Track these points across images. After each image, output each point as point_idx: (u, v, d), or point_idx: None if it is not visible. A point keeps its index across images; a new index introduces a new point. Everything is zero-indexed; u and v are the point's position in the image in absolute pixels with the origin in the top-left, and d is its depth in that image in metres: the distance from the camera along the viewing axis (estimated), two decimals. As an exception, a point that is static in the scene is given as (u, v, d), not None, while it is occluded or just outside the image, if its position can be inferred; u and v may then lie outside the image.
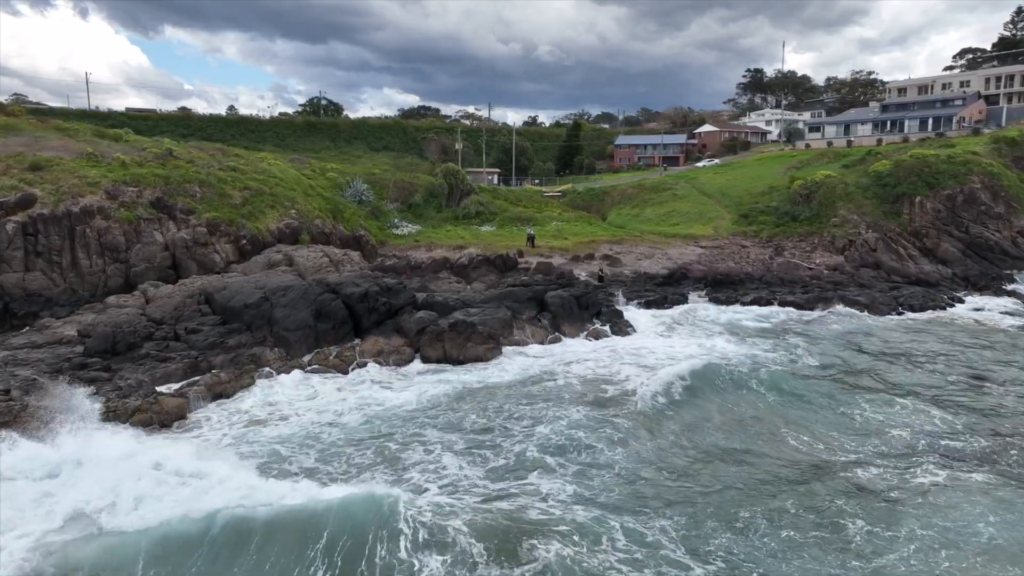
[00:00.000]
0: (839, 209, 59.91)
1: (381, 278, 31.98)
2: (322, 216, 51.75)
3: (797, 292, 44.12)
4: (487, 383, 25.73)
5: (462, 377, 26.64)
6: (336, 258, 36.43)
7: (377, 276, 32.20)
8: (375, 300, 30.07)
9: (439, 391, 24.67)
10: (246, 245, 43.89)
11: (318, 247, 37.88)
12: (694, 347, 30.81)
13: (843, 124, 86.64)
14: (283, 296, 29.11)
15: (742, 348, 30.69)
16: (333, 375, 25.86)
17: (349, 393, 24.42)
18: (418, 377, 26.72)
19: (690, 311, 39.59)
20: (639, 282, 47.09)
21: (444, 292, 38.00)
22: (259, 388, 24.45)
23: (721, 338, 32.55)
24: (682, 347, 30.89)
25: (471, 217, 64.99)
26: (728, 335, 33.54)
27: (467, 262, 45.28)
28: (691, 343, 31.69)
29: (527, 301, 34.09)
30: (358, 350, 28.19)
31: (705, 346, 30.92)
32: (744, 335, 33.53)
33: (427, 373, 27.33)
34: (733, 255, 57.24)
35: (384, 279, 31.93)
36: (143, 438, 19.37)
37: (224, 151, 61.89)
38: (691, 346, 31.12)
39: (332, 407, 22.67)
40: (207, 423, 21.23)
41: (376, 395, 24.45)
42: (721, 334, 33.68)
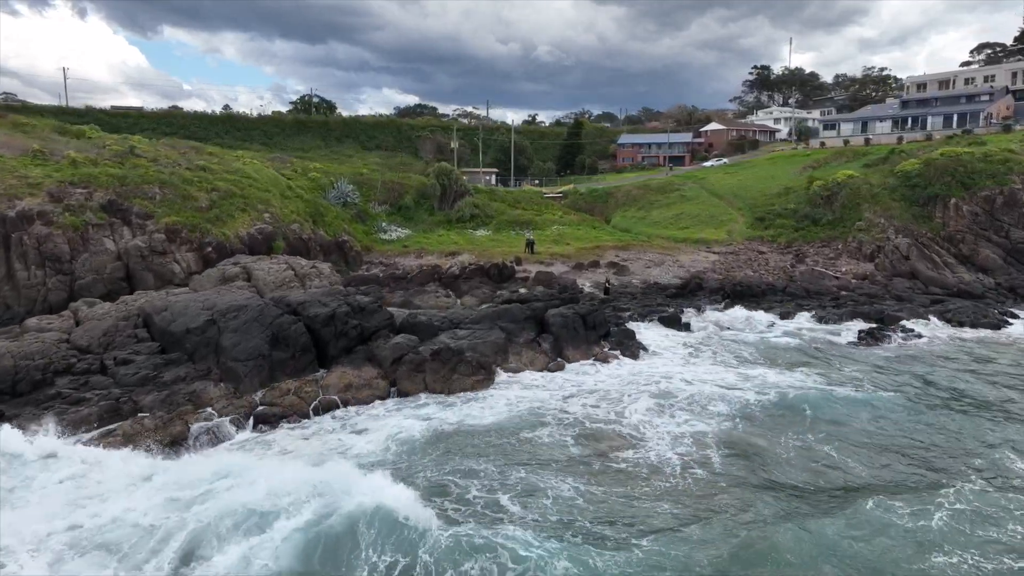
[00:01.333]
0: (864, 212, 55.21)
1: (353, 295, 27.28)
2: (300, 220, 47.10)
3: (827, 306, 39.42)
4: (464, 425, 21.00)
5: (441, 414, 21.97)
6: (302, 271, 31.70)
7: (349, 293, 27.51)
8: (344, 323, 25.38)
9: (410, 434, 19.98)
10: (211, 253, 39.20)
11: (282, 259, 33.22)
12: (730, 375, 26.10)
13: (860, 121, 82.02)
14: (234, 318, 24.42)
15: (790, 378, 25.94)
16: (284, 429, 21.02)
17: (301, 442, 19.71)
18: (391, 418, 22.01)
19: (712, 327, 34.89)
20: (650, 294, 42.39)
21: (430, 309, 33.33)
22: (195, 434, 19.75)
23: (759, 365, 27.77)
24: (710, 375, 26.16)
25: (465, 220, 60.29)
26: (764, 359, 28.82)
27: (458, 272, 40.58)
28: (719, 370, 26.96)
29: (525, 321, 29.41)
30: (321, 384, 23.50)
31: (742, 374, 26.19)
32: (783, 360, 28.79)
33: (403, 409, 22.67)
34: (750, 262, 52.57)
35: (357, 296, 27.23)
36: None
37: (197, 149, 57.32)
38: (718, 373, 26.40)
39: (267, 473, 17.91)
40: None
41: (343, 440, 19.87)
42: (756, 359, 28.95)
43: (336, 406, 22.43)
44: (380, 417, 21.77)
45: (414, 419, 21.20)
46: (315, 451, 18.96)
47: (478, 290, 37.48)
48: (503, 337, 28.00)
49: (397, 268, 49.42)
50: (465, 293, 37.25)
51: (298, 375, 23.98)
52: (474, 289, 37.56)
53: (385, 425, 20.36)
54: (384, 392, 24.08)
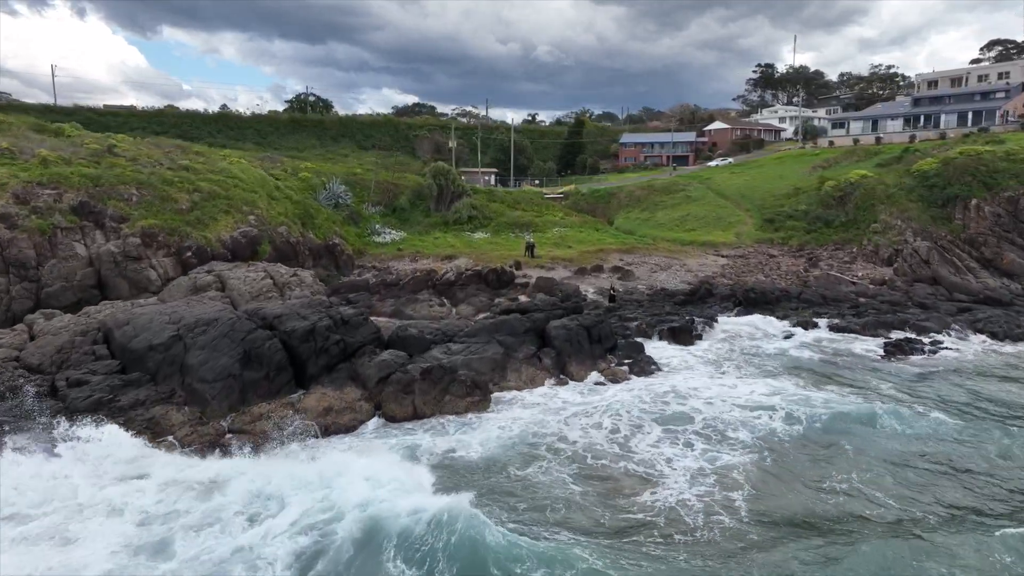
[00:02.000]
0: (879, 213, 52.83)
1: (336, 307, 24.85)
2: (288, 222, 44.70)
3: (847, 314, 37.01)
4: (449, 459, 18.56)
5: (427, 443, 19.53)
6: (282, 280, 29.25)
7: (331, 304, 25.07)
8: (325, 338, 22.99)
9: (377, 475, 17.46)
10: (191, 258, 36.81)
11: (260, 266, 30.80)
12: (751, 394, 23.66)
13: (870, 120, 79.59)
14: (202, 334, 22.02)
15: (818, 397, 23.49)
16: (246, 458, 18.53)
17: (255, 477, 17.25)
18: (374, 442, 19.62)
19: (726, 338, 32.49)
20: (657, 301, 39.97)
21: (422, 320, 30.95)
22: (159, 467, 17.32)
23: (782, 382, 25.29)
24: (728, 394, 23.72)
25: (463, 222, 57.89)
26: (786, 375, 26.38)
27: (454, 278, 38.15)
28: (738, 388, 24.51)
29: (524, 334, 27.01)
30: (298, 407, 21.09)
31: (764, 393, 23.75)
32: (808, 376, 26.33)
33: (385, 437, 20.27)
34: (761, 266, 50.17)
35: (340, 308, 24.80)
36: None
37: (183, 148, 54.90)
38: (737, 391, 23.97)
39: (233, 510, 15.50)
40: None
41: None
42: (777, 374, 26.51)
43: (314, 434, 19.98)
44: (354, 448, 19.28)
45: (392, 451, 18.75)
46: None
47: (475, 298, 35.08)
48: (501, 352, 25.61)
49: (391, 272, 47.05)
50: (461, 301, 34.85)
51: (273, 397, 21.59)
52: (470, 297, 35.15)
53: (352, 462, 17.70)
54: (368, 416, 21.68)
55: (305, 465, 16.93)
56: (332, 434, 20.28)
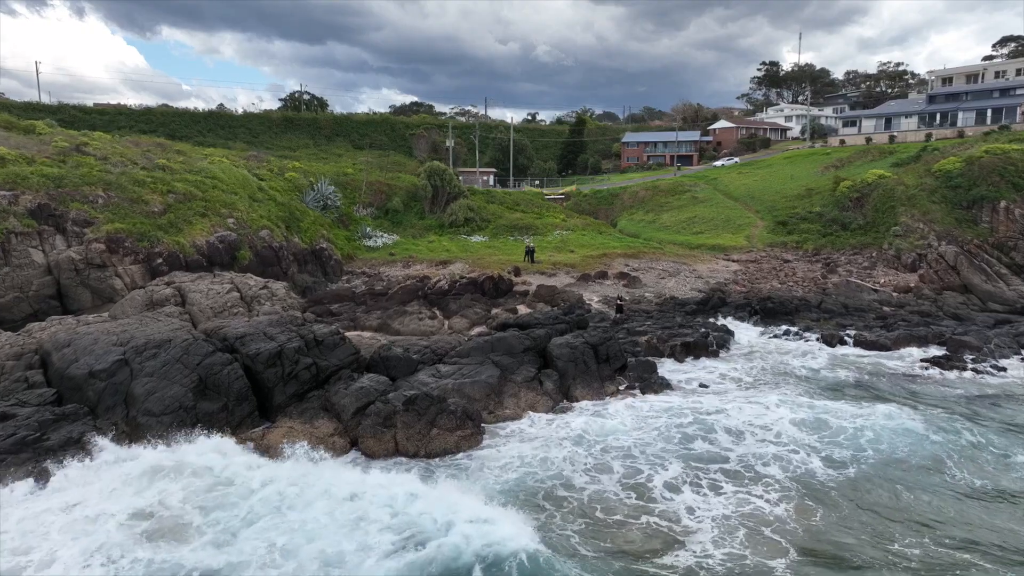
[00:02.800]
0: (900, 216, 49.84)
1: (309, 325, 21.88)
2: (271, 225, 41.80)
3: (874, 326, 34.09)
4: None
5: (398, 489, 16.26)
6: (250, 293, 26.26)
7: (303, 322, 22.09)
8: (294, 362, 20.05)
9: (339, 547, 14.46)
10: (161, 265, 33.91)
11: (227, 277, 27.83)
12: (780, 420, 20.65)
13: (883, 117, 76.58)
14: (151, 358, 19.09)
15: (856, 424, 20.51)
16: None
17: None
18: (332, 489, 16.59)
19: (746, 354, 29.55)
20: (667, 311, 37.03)
21: (410, 336, 28.04)
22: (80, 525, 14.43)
23: (813, 405, 22.27)
24: (753, 420, 20.71)
25: (459, 225, 54.98)
26: (816, 396, 23.36)
27: (447, 287, 35.23)
28: (764, 412, 21.50)
29: (523, 353, 24.06)
30: (261, 443, 18.16)
31: (796, 419, 20.75)
32: (840, 397, 23.35)
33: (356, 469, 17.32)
34: (776, 272, 47.23)
35: (313, 327, 21.82)
36: None
37: (164, 147, 52.14)
38: (763, 416, 20.98)
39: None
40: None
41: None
42: (806, 395, 23.50)
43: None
44: (315, 501, 16.24)
45: (360, 502, 15.76)
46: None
47: (469, 309, 32.11)
48: (497, 375, 22.69)
49: (381, 279, 44.19)
50: (454, 313, 31.88)
51: (234, 431, 18.64)
52: (465, 309, 32.18)
53: (305, 520, 14.66)
54: (343, 452, 18.76)
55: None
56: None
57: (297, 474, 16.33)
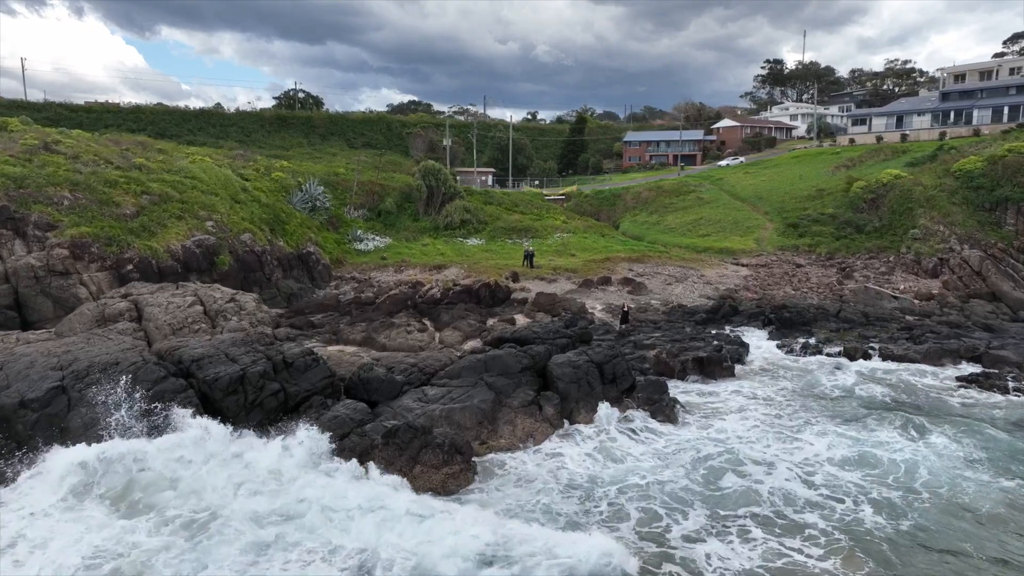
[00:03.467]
0: (918, 218, 47.42)
1: (278, 344, 19.38)
2: (254, 228, 39.34)
3: (899, 337, 31.64)
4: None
5: (369, 539, 13.85)
6: (215, 306, 23.69)
7: (272, 342, 19.56)
8: (258, 387, 17.57)
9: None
10: (131, 272, 31.49)
11: (190, 288, 25.30)
12: (811, 450, 18.12)
13: (895, 115, 74.14)
14: (94, 384, 16.61)
15: (901, 457, 18.03)
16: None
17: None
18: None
19: (765, 370, 27.06)
20: (675, 321, 34.55)
21: (396, 351, 25.57)
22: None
23: (845, 431, 19.74)
24: (781, 451, 18.20)
25: (455, 227, 52.51)
26: (846, 419, 20.84)
27: (440, 295, 32.77)
28: (792, 440, 19.01)
29: (521, 373, 21.57)
30: (217, 486, 15.63)
31: (830, 449, 18.23)
32: (873, 422, 20.83)
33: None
34: (788, 277, 44.77)
35: (283, 346, 19.31)
36: None
37: (145, 145, 49.64)
38: (792, 447, 18.48)
39: None
40: None
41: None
42: (836, 418, 20.98)
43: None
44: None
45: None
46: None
47: (463, 320, 29.61)
48: (490, 399, 20.20)
49: (372, 284, 41.78)
50: (446, 325, 29.38)
51: (185, 469, 16.12)
52: (457, 320, 29.67)
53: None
54: (312, 494, 16.24)
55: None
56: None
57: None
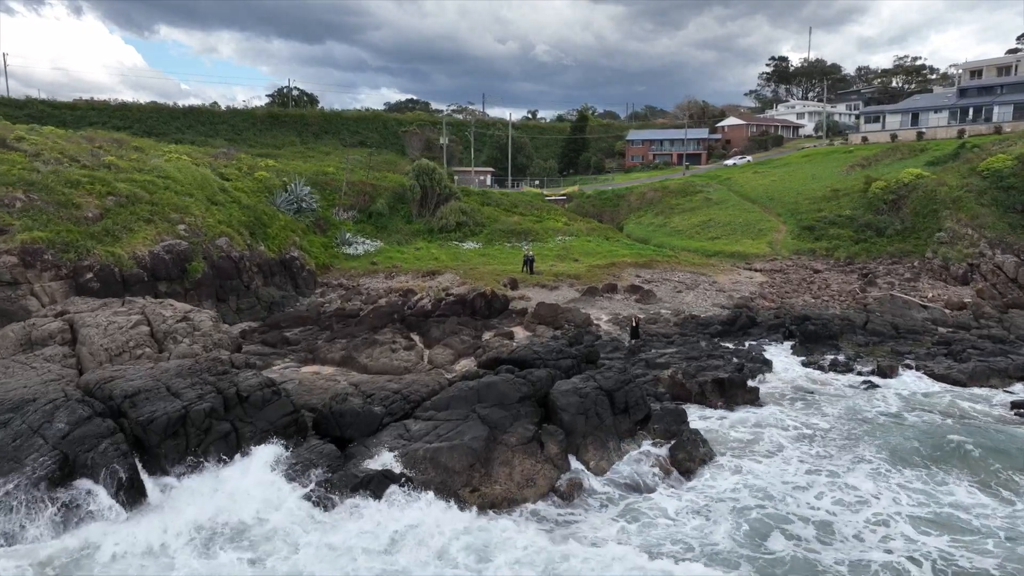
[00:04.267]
0: (944, 220, 44.50)
1: (234, 374, 16.38)
2: (231, 232, 36.37)
3: (937, 354, 28.71)
4: None
5: None
6: (164, 327, 20.65)
7: (226, 371, 16.49)
8: (204, 428, 14.64)
9: None
10: (91, 281, 28.52)
11: (137, 304, 22.28)
12: (887, 496, 15.14)
13: (909, 113, 71.24)
14: (1, 427, 13.65)
15: (999, 518, 15.09)
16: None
17: None
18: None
19: (792, 392, 24.10)
20: (689, 333, 31.61)
21: (379, 373, 22.63)
22: None
23: (905, 477, 16.72)
24: (832, 505, 15.26)
25: (450, 230, 49.56)
26: (900, 460, 17.85)
27: (431, 306, 29.83)
28: (841, 486, 16.02)
29: (520, 403, 18.63)
30: (145, 555, 12.70)
31: (892, 502, 15.26)
32: (934, 461, 17.85)
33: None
34: (807, 284, 41.81)
35: (239, 376, 16.30)
36: None
37: (122, 142, 46.72)
38: (842, 496, 15.50)
39: None
40: None
41: None
42: (888, 456, 17.98)
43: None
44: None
45: None
46: None
47: (455, 336, 26.62)
48: (483, 435, 17.27)
49: (360, 291, 38.87)
50: (437, 341, 26.39)
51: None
52: (449, 336, 26.68)
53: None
54: (265, 562, 13.31)
55: None
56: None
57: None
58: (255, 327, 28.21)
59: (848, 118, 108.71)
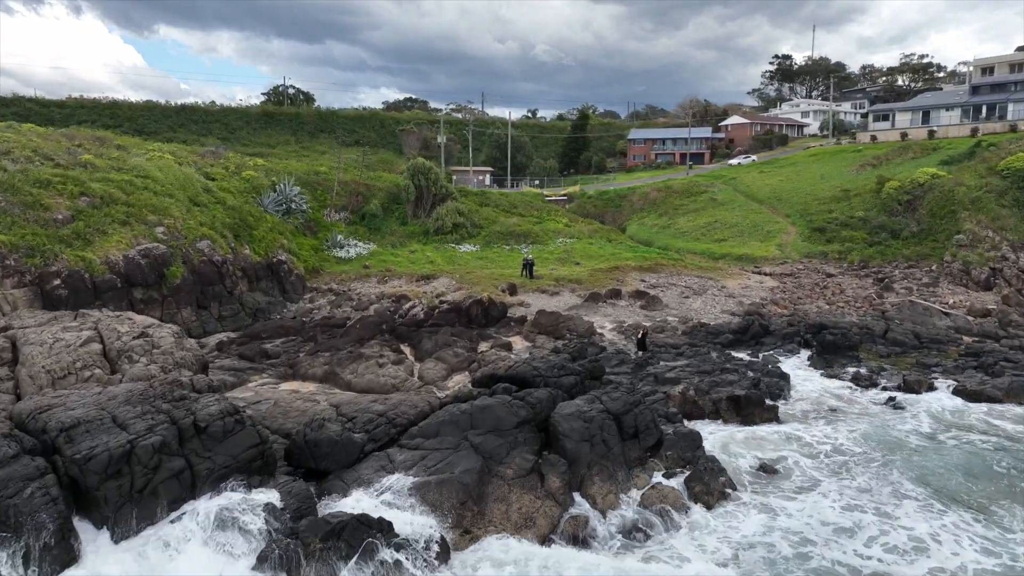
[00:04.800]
0: (963, 222, 42.56)
1: (192, 400, 14.40)
2: (213, 234, 34.43)
3: (967, 367, 26.76)
4: None
5: None
6: (119, 344, 18.55)
7: (182, 397, 14.51)
8: (151, 467, 12.67)
9: None
10: (58, 288, 26.62)
11: (91, 318, 20.22)
12: (948, 545, 13.21)
13: (920, 111, 69.30)
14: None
15: None
16: None
17: None
18: None
19: (815, 409, 22.15)
20: (698, 343, 29.66)
21: (364, 392, 20.67)
22: None
23: (959, 519, 14.76)
24: (872, 550, 13.33)
25: (446, 232, 47.58)
26: (947, 495, 15.92)
27: (423, 315, 27.86)
28: (882, 524, 14.10)
29: (517, 429, 16.70)
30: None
31: (938, 546, 13.35)
32: (989, 498, 15.90)
33: None
34: (820, 289, 39.86)
35: (198, 403, 14.32)
36: None
37: (104, 140, 44.74)
38: (883, 544, 13.57)
39: None
40: None
41: None
42: (934, 491, 16.04)
43: None
44: None
45: None
46: None
47: (448, 349, 24.64)
48: (476, 467, 15.37)
49: (351, 297, 36.94)
50: (428, 354, 24.42)
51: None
52: (442, 348, 24.69)
53: None
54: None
55: None
56: None
57: None
58: (234, 338, 26.22)
59: (853, 117, 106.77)
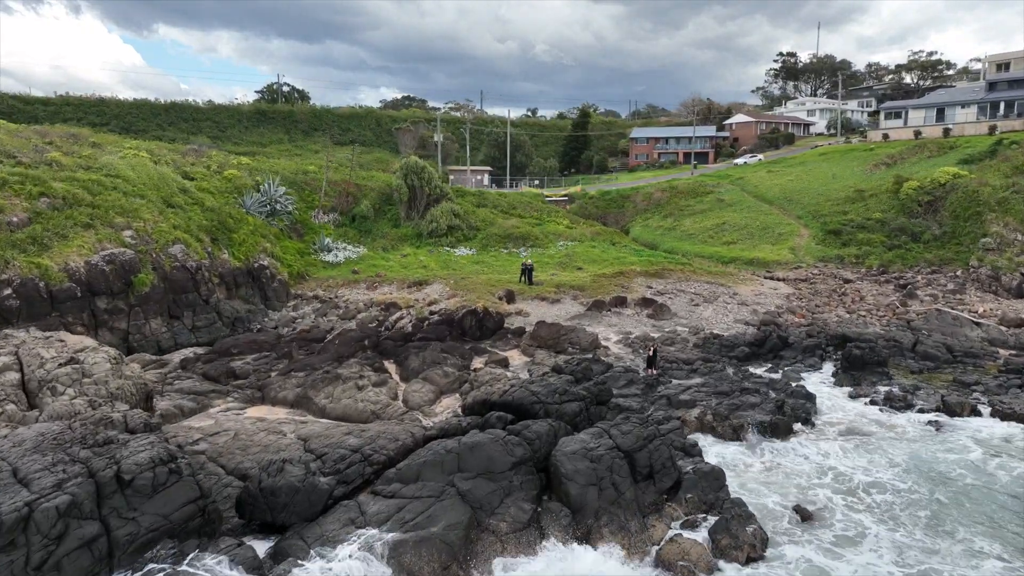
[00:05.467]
0: (989, 225, 40.09)
1: (120, 445, 11.89)
2: (188, 238, 31.93)
3: (1011, 385, 24.29)
4: None
5: None
6: (41, 373, 15.71)
7: (111, 440, 11.96)
8: (56, 536, 10.16)
9: None
10: (9, 299, 24.22)
11: (13, 341, 17.61)
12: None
13: (935, 108, 66.82)
14: None
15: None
16: None
17: None
18: None
19: (848, 438, 19.67)
20: (712, 357, 27.17)
21: (338, 421, 18.18)
22: None
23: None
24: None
25: (441, 234, 45.07)
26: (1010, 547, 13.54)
27: (411, 327, 25.39)
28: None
29: (513, 470, 14.26)
30: None
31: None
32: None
33: None
34: (839, 296, 37.38)
35: (126, 448, 11.84)
36: None
37: (79, 138, 42.32)
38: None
39: None
40: None
41: None
42: (998, 543, 13.65)
43: None
44: None
45: None
46: None
47: (438, 367, 22.12)
48: (464, 520, 12.92)
49: (338, 305, 34.48)
50: (415, 374, 21.90)
51: None
52: (431, 366, 22.18)
53: None
54: None
55: None
56: None
57: None
58: (200, 354, 23.72)
59: (861, 115, 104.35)
